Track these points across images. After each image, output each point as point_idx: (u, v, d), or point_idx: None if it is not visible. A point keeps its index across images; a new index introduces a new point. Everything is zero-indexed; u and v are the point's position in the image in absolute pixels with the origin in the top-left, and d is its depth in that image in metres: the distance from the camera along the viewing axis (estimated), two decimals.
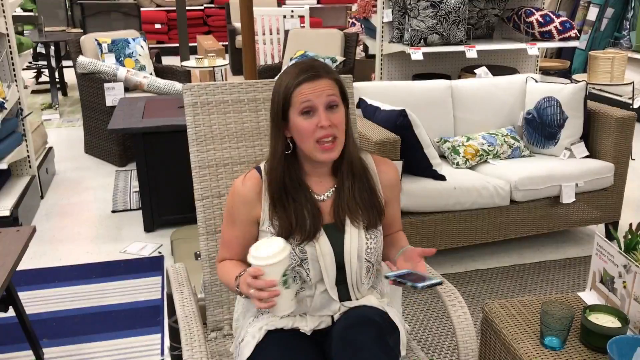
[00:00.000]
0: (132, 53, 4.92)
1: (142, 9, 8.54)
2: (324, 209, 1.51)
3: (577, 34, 4.14)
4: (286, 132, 1.48)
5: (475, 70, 3.81)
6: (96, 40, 4.85)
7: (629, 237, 1.76)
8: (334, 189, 1.53)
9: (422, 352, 1.71)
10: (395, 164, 1.64)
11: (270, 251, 1.33)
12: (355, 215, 1.50)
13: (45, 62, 6.84)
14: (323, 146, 1.43)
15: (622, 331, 1.53)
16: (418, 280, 1.37)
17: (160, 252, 3.23)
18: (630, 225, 1.81)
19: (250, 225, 1.52)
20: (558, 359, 1.57)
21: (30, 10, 8.06)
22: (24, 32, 6.89)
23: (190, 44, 7.55)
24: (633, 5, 6.14)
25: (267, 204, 1.50)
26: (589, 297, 1.81)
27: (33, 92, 6.85)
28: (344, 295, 1.52)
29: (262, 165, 1.55)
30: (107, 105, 4.42)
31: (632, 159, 3.29)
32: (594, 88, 5.85)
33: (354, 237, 1.49)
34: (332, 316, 1.50)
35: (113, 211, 3.76)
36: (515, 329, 1.70)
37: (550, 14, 4.09)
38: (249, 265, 1.37)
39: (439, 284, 1.39)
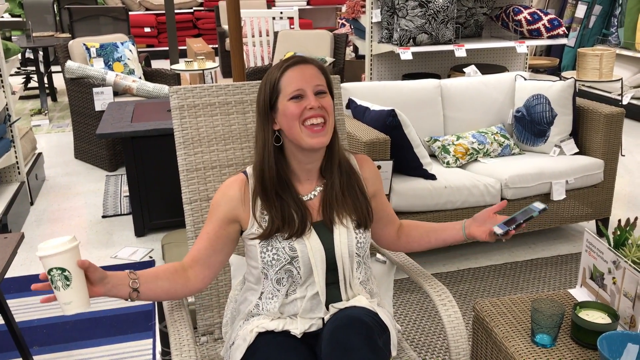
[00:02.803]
0: (121, 57, 4.89)
1: (131, 13, 8.52)
2: (311, 208, 1.51)
3: (566, 31, 4.16)
4: (274, 124, 1.48)
5: (465, 69, 3.81)
6: (84, 44, 4.83)
7: (618, 233, 1.76)
8: (321, 187, 1.53)
9: (414, 353, 1.70)
10: (370, 159, 1.66)
11: (47, 246, 1.27)
12: (344, 213, 1.49)
13: (33, 68, 6.80)
14: (312, 129, 1.42)
15: (612, 327, 1.53)
16: (527, 213, 1.51)
17: (151, 257, 3.21)
18: (619, 221, 1.81)
19: (225, 224, 1.49)
20: (549, 356, 1.56)
21: (18, 16, 8.02)
22: (12, 37, 6.85)
23: (180, 47, 7.53)
24: (620, 2, 6.17)
25: (253, 206, 1.49)
26: (580, 293, 1.81)
27: (22, 98, 6.82)
28: (335, 296, 1.51)
29: (248, 170, 1.54)
30: (96, 109, 4.40)
31: (622, 155, 3.31)
32: (583, 85, 5.88)
33: (343, 234, 1.49)
34: (322, 318, 1.49)
35: (103, 216, 3.74)
36: (507, 327, 1.70)
37: (538, 11, 4.11)
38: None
39: (545, 209, 1.52)
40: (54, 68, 6.98)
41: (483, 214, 1.59)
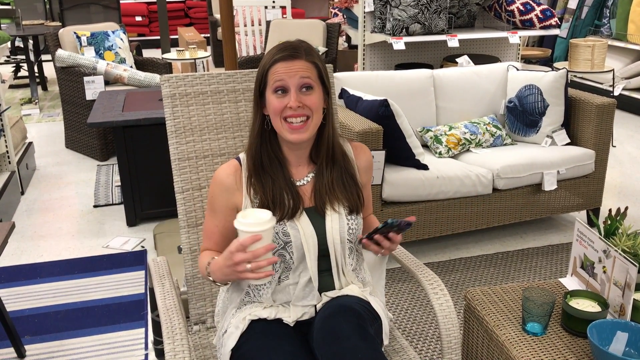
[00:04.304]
0: (112, 46, 4.86)
1: (122, 1, 8.44)
2: (303, 193, 1.51)
3: (558, 22, 4.16)
4: (264, 110, 1.50)
5: (457, 59, 3.81)
6: (75, 33, 4.78)
7: (609, 222, 1.77)
8: (313, 174, 1.53)
9: (406, 341, 1.71)
10: (368, 148, 1.65)
11: (262, 217, 1.29)
12: (335, 200, 1.50)
13: (23, 57, 6.74)
14: (291, 126, 1.44)
15: (602, 315, 1.54)
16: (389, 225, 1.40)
17: (143, 247, 3.20)
18: (610, 210, 1.82)
19: (229, 214, 1.51)
20: (540, 345, 1.58)
21: (8, 4, 7.94)
22: (1, 25, 6.78)
23: (172, 36, 7.49)
24: None
25: (247, 191, 1.49)
26: (570, 282, 1.82)
27: (12, 87, 6.76)
28: (328, 284, 1.52)
29: (241, 155, 1.55)
30: (87, 99, 4.37)
31: (612, 146, 3.32)
32: (575, 76, 5.89)
33: (335, 220, 1.49)
34: (315, 307, 1.50)
35: (95, 206, 3.72)
36: (498, 315, 1.71)
37: (531, 2, 4.11)
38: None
39: (409, 224, 1.40)
40: (44, 57, 6.92)
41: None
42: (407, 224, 1.40)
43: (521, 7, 4.06)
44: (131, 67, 4.89)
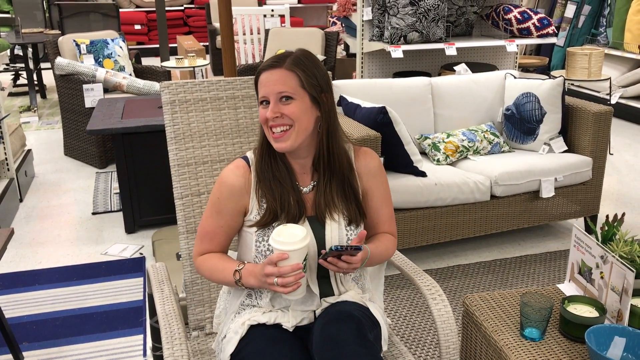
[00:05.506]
0: (111, 54, 4.88)
1: (121, 9, 8.48)
2: (306, 201, 1.52)
3: (555, 30, 4.19)
4: None
5: (455, 68, 3.83)
6: (74, 41, 4.80)
7: (606, 228, 1.78)
8: (315, 182, 1.54)
9: (405, 347, 1.72)
10: (375, 153, 1.65)
11: (295, 236, 1.35)
12: (334, 210, 1.50)
13: (23, 65, 6.76)
14: (273, 135, 1.46)
15: (600, 321, 1.55)
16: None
17: (141, 254, 3.20)
18: (607, 216, 1.83)
19: (236, 216, 1.52)
20: (538, 350, 1.58)
21: (7, 12, 7.96)
22: (1, 33, 6.80)
23: (171, 45, 7.51)
24: (609, 2, 6.22)
25: (255, 192, 1.50)
26: (568, 288, 1.83)
27: (11, 94, 6.77)
28: (327, 290, 1.52)
29: (249, 154, 1.55)
30: (86, 106, 4.38)
31: (610, 154, 3.34)
32: (572, 84, 5.92)
33: (335, 229, 1.50)
34: (314, 312, 1.50)
35: (94, 213, 3.72)
36: (496, 321, 1.72)
37: (528, 10, 4.13)
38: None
39: (357, 248, 1.40)
40: (43, 65, 6.94)
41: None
42: (356, 248, 1.40)
43: (518, 16, 4.09)
44: (130, 75, 4.90)
